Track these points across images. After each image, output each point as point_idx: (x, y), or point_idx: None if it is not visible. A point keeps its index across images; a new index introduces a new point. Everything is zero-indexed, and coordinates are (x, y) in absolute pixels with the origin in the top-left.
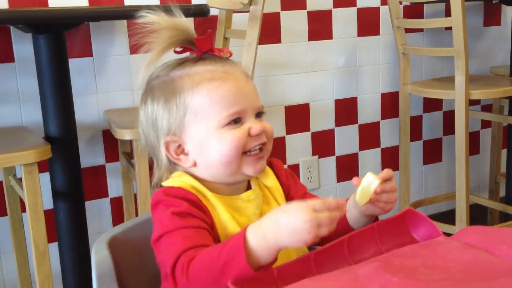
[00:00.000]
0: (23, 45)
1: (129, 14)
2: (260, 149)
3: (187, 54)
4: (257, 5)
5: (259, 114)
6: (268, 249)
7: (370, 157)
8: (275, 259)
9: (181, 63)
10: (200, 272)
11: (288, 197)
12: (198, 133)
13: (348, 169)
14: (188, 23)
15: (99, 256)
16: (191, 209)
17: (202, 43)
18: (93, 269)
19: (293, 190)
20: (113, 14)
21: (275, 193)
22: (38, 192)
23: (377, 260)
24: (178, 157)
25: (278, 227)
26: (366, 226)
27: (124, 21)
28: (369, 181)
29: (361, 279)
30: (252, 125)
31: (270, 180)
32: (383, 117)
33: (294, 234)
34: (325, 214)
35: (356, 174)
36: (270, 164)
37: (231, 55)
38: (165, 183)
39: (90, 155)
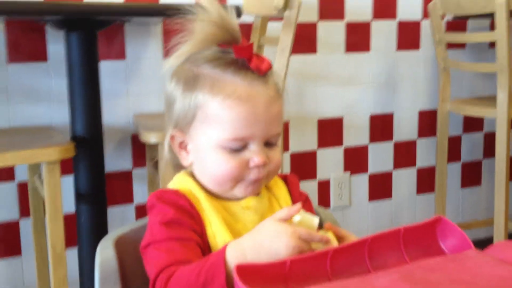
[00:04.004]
0: (56, 45)
1: (164, 11)
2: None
3: None
4: (292, 10)
5: (270, 143)
6: None
7: (405, 177)
8: None
9: (217, 58)
10: None
11: None
12: (200, 139)
13: (381, 188)
14: (239, 28)
15: (104, 256)
16: (179, 217)
17: (240, 51)
18: (96, 268)
19: None
20: (148, 11)
21: (283, 204)
22: (58, 192)
23: (398, 271)
24: (180, 152)
25: (261, 249)
26: (393, 228)
27: (159, 24)
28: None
29: None
30: (253, 156)
31: (281, 192)
32: (420, 135)
33: (275, 258)
34: (308, 245)
35: (390, 194)
36: (284, 179)
37: (269, 68)
38: (169, 184)
39: (117, 160)
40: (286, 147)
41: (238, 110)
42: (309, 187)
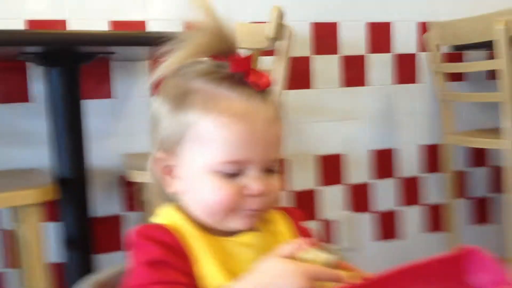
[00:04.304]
0: (39, 84)
1: (152, 40)
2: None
3: None
4: (283, 40)
5: (269, 169)
6: None
7: (411, 215)
8: None
9: (211, 72)
10: None
11: None
12: (189, 162)
13: (385, 227)
14: (236, 36)
15: None
16: (165, 256)
17: (236, 64)
18: None
19: None
20: (133, 40)
21: (285, 241)
22: (39, 237)
23: None
24: (164, 177)
25: None
26: (412, 262)
27: (146, 61)
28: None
29: None
30: (250, 182)
31: (282, 226)
32: (423, 171)
33: None
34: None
35: (396, 233)
36: (285, 212)
37: (268, 85)
38: (153, 219)
39: (106, 203)
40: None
41: (234, 128)
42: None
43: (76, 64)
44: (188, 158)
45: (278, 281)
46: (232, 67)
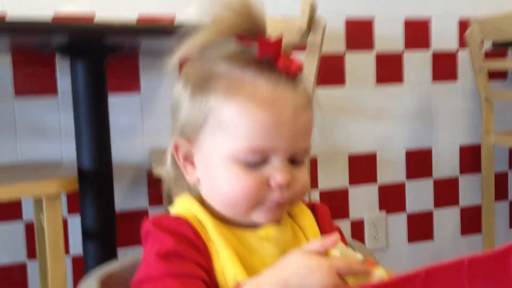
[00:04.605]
0: (67, 78)
1: (180, 30)
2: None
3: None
4: (316, 34)
5: (296, 160)
6: None
7: (447, 217)
8: None
9: (236, 55)
10: None
11: None
12: (210, 150)
13: (421, 228)
14: (265, 18)
15: None
16: (180, 248)
17: (265, 47)
18: None
19: None
20: (160, 30)
21: (310, 236)
22: (60, 228)
23: None
24: (185, 165)
25: None
26: (454, 259)
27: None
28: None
29: None
30: (275, 173)
31: (308, 221)
32: (462, 171)
33: None
34: (350, 281)
35: (431, 235)
36: (312, 207)
37: (299, 70)
38: (171, 209)
39: (133, 197)
40: (315, 185)
41: (259, 115)
42: (341, 228)
43: (101, 57)
44: (209, 145)
45: (301, 277)
46: (260, 50)
